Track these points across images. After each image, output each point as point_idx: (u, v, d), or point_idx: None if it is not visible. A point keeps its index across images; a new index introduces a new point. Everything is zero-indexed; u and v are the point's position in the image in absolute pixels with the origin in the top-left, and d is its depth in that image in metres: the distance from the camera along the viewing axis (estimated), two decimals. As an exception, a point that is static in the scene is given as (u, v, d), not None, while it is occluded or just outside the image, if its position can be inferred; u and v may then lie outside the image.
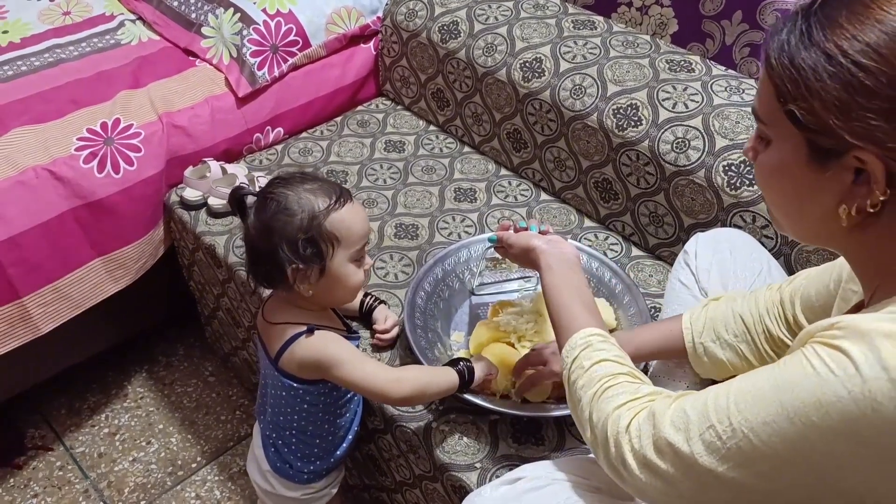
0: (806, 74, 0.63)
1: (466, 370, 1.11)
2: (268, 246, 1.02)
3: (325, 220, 1.02)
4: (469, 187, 1.63)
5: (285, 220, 1.01)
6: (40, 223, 1.46)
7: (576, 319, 0.91)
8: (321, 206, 1.02)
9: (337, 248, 1.04)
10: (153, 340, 1.96)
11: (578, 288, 0.95)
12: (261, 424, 1.23)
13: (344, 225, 1.04)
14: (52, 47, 1.78)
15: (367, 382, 1.06)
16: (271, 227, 1.02)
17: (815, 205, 0.69)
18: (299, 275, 1.03)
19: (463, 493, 1.11)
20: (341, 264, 1.05)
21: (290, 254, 1.01)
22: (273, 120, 1.77)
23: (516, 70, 1.59)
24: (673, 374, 1.12)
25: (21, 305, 1.47)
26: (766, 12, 1.49)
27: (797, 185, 0.69)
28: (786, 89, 0.65)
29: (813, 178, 0.67)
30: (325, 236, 1.02)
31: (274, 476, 1.21)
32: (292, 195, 1.03)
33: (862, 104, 0.61)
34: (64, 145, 1.52)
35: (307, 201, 1.02)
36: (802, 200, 0.70)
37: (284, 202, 1.02)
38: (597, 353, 0.85)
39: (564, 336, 0.90)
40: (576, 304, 0.93)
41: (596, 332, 0.88)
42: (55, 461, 1.71)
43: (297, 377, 1.10)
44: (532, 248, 1.01)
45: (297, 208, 1.02)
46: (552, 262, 0.98)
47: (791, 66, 0.64)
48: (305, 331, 1.07)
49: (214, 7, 1.79)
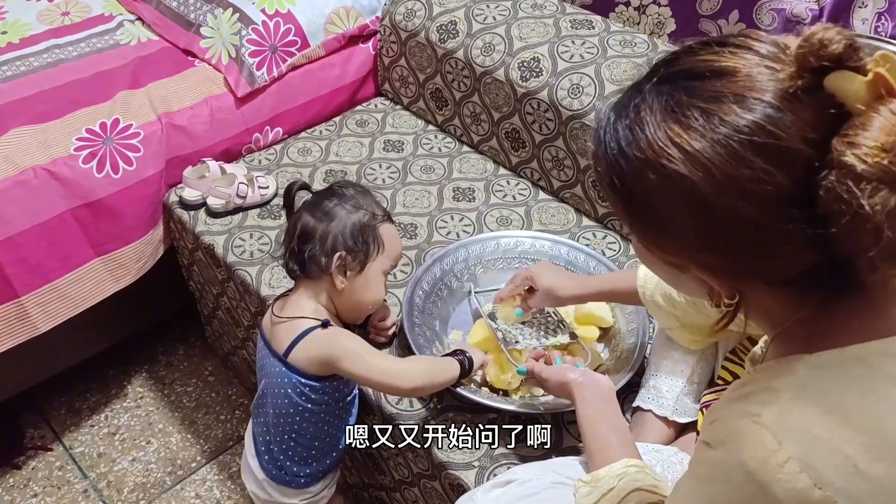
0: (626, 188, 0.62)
1: (467, 360, 1.15)
2: (325, 228, 1.11)
3: (379, 226, 1.15)
4: (468, 187, 1.64)
5: (350, 209, 1.13)
6: (39, 223, 1.47)
7: (610, 449, 0.92)
8: (378, 213, 1.16)
9: (381, 253, 1.15)
10: (153, 340, 1.96)
11: (612, 419, 0.97)
12: (255, 428, 1.23)
13: (390, 237, 1.17)
14: (52, 48, 1.78)
15: (375, 375, 1.09)
16: (335, 212, 1.13)
17: (687, 291, 0.70)
18: (342, 264, 1.11)
19: (461, 492, 1.11)
20: (377, 271, 1.16)
21: (346, 239, 1.11)
22: (272, 120, 1.78)
23: (514, 69, 1.59)
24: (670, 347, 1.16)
25: (19, 305, 1.47)
26: (763, 12, 1.50)
27: (663, 275, 0.69)
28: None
29: (673, 274, 0.67)
30: (376, 238, 1.14)
31: (270, 484, 1.21)
32: (359, 195, 1.16)
33: (679, 230, 0.60)
34: (63, 145, 1.53)
35: (369, 204, 1.16)
36: (674, 285, 0.70)
37: (352, 196, 1.15)
38: (632, 483, 0.86)
39: (597, 464, 0.91)
40: (610, 434, 0.95)
41: (632, 462, 0.89)
42: (54, 461, 1.72)
43: (305, 372, 1.10)
44: (568, 382, 1.03)
45: (361, 206, 1.15)
46: (587, 395, 1.00)
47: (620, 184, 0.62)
48: (320, 325, 1.11)
49: (213, 7, 1.80)
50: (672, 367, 1.15)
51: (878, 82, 0.52)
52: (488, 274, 1.39)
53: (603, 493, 0.86)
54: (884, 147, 0.50)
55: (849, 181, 0.50)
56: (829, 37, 0.52)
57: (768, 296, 0.62)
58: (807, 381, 0.59)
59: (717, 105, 0.55)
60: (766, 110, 0.54)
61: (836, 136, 0.52)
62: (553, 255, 1.39)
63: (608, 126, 0.62)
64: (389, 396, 1.21)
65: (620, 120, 0.61)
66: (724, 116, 0.55)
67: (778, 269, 0.58)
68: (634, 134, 0.59)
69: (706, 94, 0.56)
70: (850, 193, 0.50)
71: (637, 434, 1.12)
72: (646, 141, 0.58)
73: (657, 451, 1.05)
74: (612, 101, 0.64)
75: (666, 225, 0.60)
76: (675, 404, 1.13)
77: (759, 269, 0.59)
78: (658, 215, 0.60)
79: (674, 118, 0.57)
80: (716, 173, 0.55)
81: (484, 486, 0.98)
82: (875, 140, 0.50)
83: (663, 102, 0.58)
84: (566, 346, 1.24)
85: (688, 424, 1.14)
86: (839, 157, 0.51)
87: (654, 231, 0.63)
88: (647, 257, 0.68)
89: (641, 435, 1.12)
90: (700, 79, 0.57)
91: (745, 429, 0.58)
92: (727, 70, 0.57)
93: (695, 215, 0.57)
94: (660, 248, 0.64)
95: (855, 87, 0.52)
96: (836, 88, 0.53)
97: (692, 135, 0.56)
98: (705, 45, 0.60)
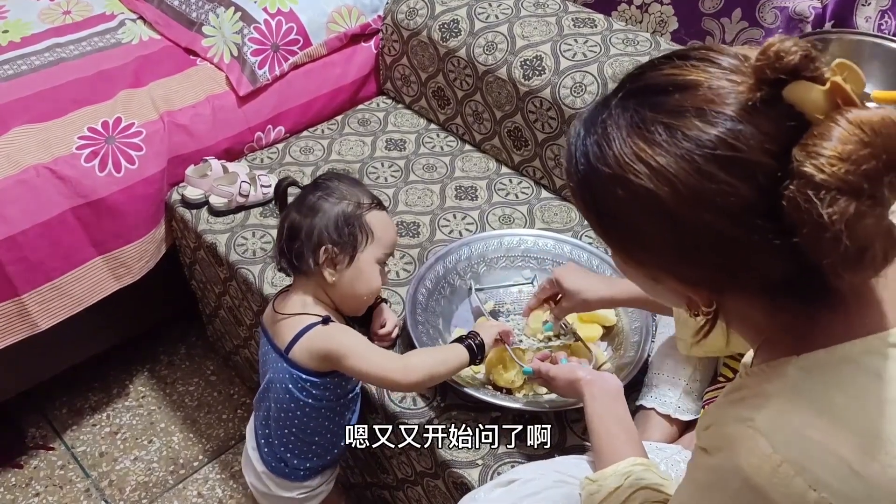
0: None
1: (475, 344, 1.13)
2: (309, 223, 1.10)
3: (366, 214, 1.13)
4: (470, 185, 1.63)
5: (333, 202, 1.11)
6: (41, 222, 1.46)
7: (617, 447, 0.93)
8: (365, 201, 1.14)
9: (370, 242, 1.13)
10: (155, 339, 1.96)
11: (621, 418, 0.97)
12: (257, 420, 1.23)
13: (380, 225, 1.14)
14: (53, 46, 1.78)
15: (376, 371, 1.08)
16: (319, 206, 1.11)
17: (666, 301, 0.69)
18: (330, 257, 1.10)
19: (465, 490, 1.11)
20: (369, 261, 1.13)
21: (330, 232, 1.09)
22: (274, 119, 1.77)
23: (517, 68, 1.59)
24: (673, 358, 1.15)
25: (20, 303, 1.47)
26: (766, 10, 1.50)
27: (642, 285, 0.69)
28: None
29: (651, 284, 0.66)
30: (363, 227, 1.12)
31: (269, 476, 1.21)
32: (343, 186, 1.14)
33: (651, 243, 0.60)
34: (65, 144, 1.52)
35: (353, 194, 1.14)
36: (654, 295, 0.70)
37: (335, 188, 1.13)
38: (638, 481, 0.86)
39: (605, 462, 0.92)
40: (618, 432, 0.95)
41: (638, 461, 0.90)
42: (56, 460, 1.71)
43: (306, 368, 1.10)
44: (577, 380, 1.03)
45: (345, 196, 1.13)
46: (596, 392, 1.00)
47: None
48: (320, 321, 1.10)
49: (215, 6, 1.79)
50: (674, 366, 1.15)
51: (835, 91, 0.52)
52: (491, 272, 1.39)
53: (609, 491, 0.86)
54: (841, 156, 0.50)
55: (808, 191, 0.51)
56: (785, 48, 0.53)
57: (746, 305, 0.62)
58: (797, 383, 0.59)
59: (679, 120, 0.56)
60: (727, 123, 0.54)
61: (796, 145, 0.52)
62: (556, 253, 1.39)
63: (578, 141, 0.63)
64: (393, 394, 1.21)
65: (589, 136, 0.61)
66: (687, 131, 0.55)
67: (751, 279, 0.58)
68: (602, 149, 0.59)
69: (669, 108, 0.57)
70: (809, 203, 0.51)
71: (640, 432, 1.11)
72: (612, 157, 0.58)
73: (661, 450, 1.05)
74: (582, 116, 0.64)
75: (638, 238, 0.61)
76: (678, 402, 1.13)
77: (731, 280, 0.59)
78: (629, 229, 0.61)
79: (639, 134, 0.57)
80: (681, 188, 0.55)
81: (486, 485, 0.98)
82: (833, 149, 0.50)
83: (628, 118, 0.58)
84: (569, 347, 1.23)
85: (691, 422, 1.14)
86: (799, 167, 0.51)
87: (628, 244, 0.63)
88: (625, 269, 0.68)
89: (645, 433, 1.12)
90: (664, 93, 0.58)
91: (740, 434, 0.58)
92: (689, 84, 0.57)
93: (664, 229, 0.58)
94: (634, 261, 0.64)
95: (812, 97, 0.53)
96: (795, 99, 0.53)
97: (656, 150, 0.56)
98: (668, 59, 0.60)
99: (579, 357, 1.18)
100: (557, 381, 1.07)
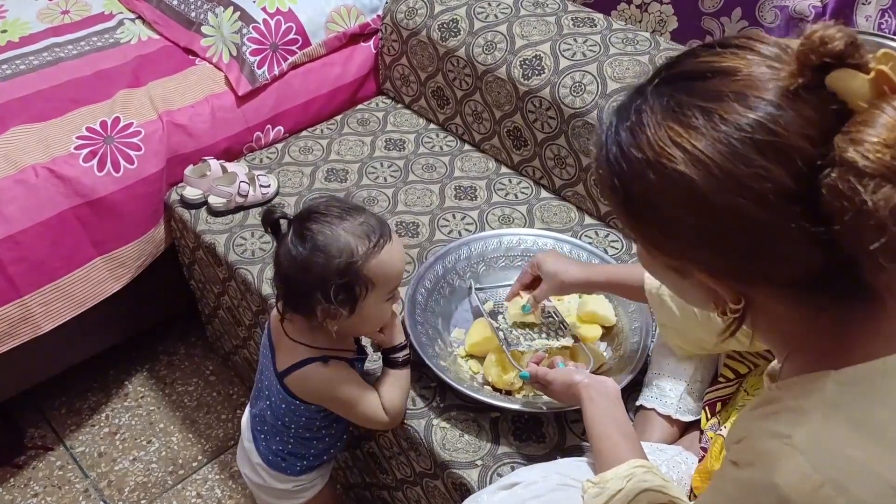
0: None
1: (401, 358, 1.15)
2: (301, 282, 0.99)
3: (363, 265, 0.99)
4: (469, 185, 1.63)
5: (322, 262, 0.97)
6: (40, 221, 1.46)
7: (618, 450, 0.92)
8: (360, 251, 0.99)
9: (371, 290, 1.01)
10: (154, 339, 1.95)
11: (619, 420, 0.97)
12: (252, 418, 1.22)
13: (382, 270, 1.01)
14: (51, 46, 1.78)
15: (362, 422, 1.14)
16: (307, 266, 0.98)
17: (691, 298, 0.68)
18: (329, 314, 1.01)
19: (464, 491, 1.11)
20: (373, 305, 1.03)
21: (323, 296, 0.98)
22: (273, 118, 1.77)
23: (516, 68, 1.59)
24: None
25: (23, 304, 1.47)
26: (766, 9, 1.49)
27: (666, 281, 0.68)
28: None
29: (676, 279, 0.65)
30: (361, 280, 0.99)
31: (265, 469, 1.21)
32: (331, 235, 0.98)
33: (680, 230, 0.59)
34: (64, 144, 1.52)
35: (346, 244, 0.98)
36: (677, 292, 0.69)
37: (323, 242, 0.98)
38: (641, 483, 0.86)
39: (606, 465, 0.91)
40: (617, 434, 0.94)
41: (639, 463, 0.89)
42: (55, 460, 1.71)
43: (298, 397, 1.11)
44: (575, 383, 1.03)
45: (336, 251, 0.97)
46: (594, 395, 1.00)
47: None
48: (320, 359, 1.07)
49: (214, 6, 1.79)
50: (675, 366, 1.15)
51: (880, 79, 0.51)
52: (491, 272, 1.39)
53: (612, 494, 0.86)
54: (886, 143, 0.50)
55: (851, 177, 0.50)
56: (830, 34, 0.52)
57: (774, 301, 0.61)
58: (836, 399, 0.57)
59: (717, 104, 0.55)
60: (767, 108, 0.54)
61: (839, 133, 0.52)
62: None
63: (610, 129, 0.62)
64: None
65: (622, 122, 0.61)
66: (725, 115, 0.55)
67: (781, 270, 0.57)
68: (635, 135, 0.59)
69: (707, 93, 0.56)
70: (852, 190, 0.50)
71: (640, 433, 1.11)
72: (646, 141, 0.58)
73: (662, 451, 1.05)
74: (614, 105, 0.64)
75: (667, 225, 0.60)
76: (679, 403, 1.12)
77: (761, 270, 0.58)
78: (659, 216, 0.60)
79: (674, 118, 0.57)
80: (716, 171, 0.54)
81: (489, 488, 0.98)
82: (878, 136, 0.50)
83: (664, 103, 0.58)
84: (568, 350, 1.23)
85: (691, 423, 1.13)
86: (841, 153, 0.51)
87: (655, 232, 0.62)
88: (649, 262, 0.67)
89: (645, 434, 1.12)
90: (701, 79, 0.57)
91: (777, 451, 0.56)
92: (728, 70, 0.56)
93: (695, 214, 0.57)
94: (661, 251, 0.63)
95: (857, 85, 0.52)
96: (838, 86, 0.53)
97: (692, 134, 0.55)
98: (707, 46, 0.60)
99: (577, 362, 1.18)
100: (554, 385, 1.06)
